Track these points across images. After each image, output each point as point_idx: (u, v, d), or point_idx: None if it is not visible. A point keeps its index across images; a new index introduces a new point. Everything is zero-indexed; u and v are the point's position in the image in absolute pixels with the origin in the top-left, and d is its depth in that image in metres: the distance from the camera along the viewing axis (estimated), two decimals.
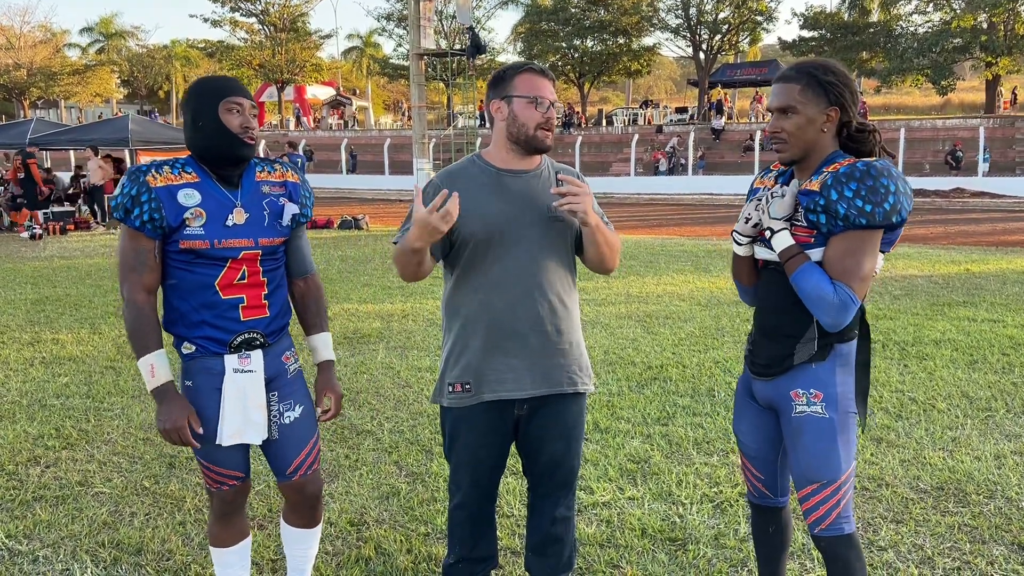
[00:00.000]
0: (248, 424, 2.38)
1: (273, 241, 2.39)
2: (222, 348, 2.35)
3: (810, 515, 2.24)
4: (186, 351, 2.37)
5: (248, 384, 2.37)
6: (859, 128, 2.18)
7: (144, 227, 2.24)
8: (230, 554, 2.58)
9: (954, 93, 39.74)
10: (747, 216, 2.25)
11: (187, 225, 2.26)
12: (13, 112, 52.53)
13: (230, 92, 2.30)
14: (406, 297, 8.81)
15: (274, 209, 2.40)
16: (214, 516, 2.54)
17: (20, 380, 5.80)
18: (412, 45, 26.64)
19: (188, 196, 2.28)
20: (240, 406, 2.37)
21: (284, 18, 47.03)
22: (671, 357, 6.16)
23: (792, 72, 2.16)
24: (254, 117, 2.34)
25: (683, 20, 43.58)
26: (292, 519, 2.67)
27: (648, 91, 68.48)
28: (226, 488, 2.46)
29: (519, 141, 2.41)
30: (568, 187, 2.29)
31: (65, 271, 11.17)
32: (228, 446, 2.39)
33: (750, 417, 2.43)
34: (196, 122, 2.29)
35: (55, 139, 18.55)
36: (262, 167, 2.44)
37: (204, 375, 2.36)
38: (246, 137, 2.30)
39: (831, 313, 2.08)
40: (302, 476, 2.54)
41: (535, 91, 2.37)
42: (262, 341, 2.40)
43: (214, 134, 2.28)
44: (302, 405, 2.53)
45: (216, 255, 2.30)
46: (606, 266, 2.51)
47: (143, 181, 2.25)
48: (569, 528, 2.67)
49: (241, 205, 2.34)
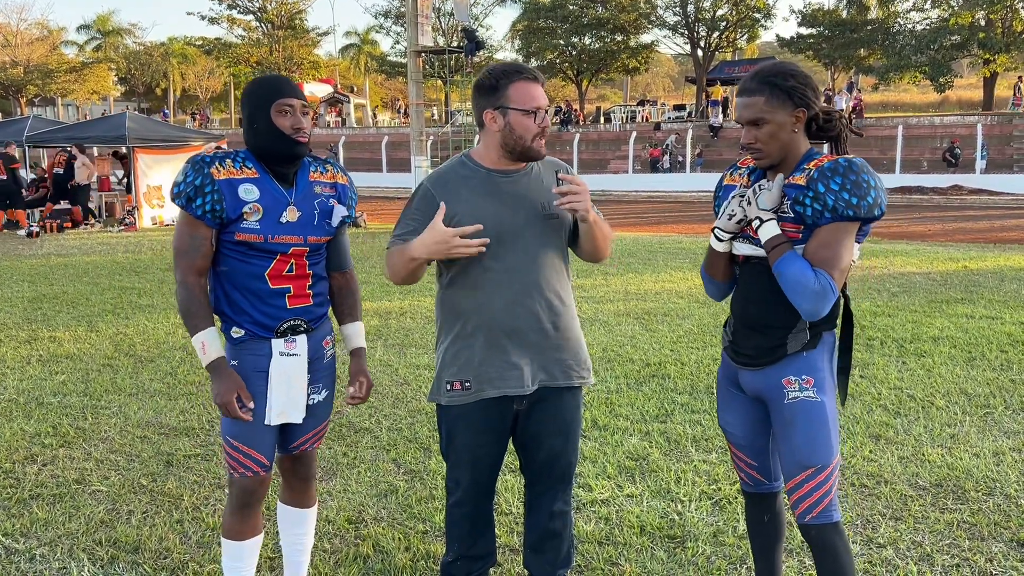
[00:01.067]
0: (291, 404, 2.50)
1: (321, 239, 2.52)
2: (269, 333, 2.46)
3: (801, 504, 2.26)
4: (235, 335, 2.47)
5: (293, 367, 2.49)
6: (826, 118, 2.27)
7: (205, 216, 2.36)
8: (241, 547, 2.59)
9: (952, 90, 39.75)
10: (731, 212, 2.28)
11: (245, 219, 2.38)
12: (10, 110, 52.42)
13: (281, 94, 2.39)
14: (404, 295, 8.80)
15: (324, 209, 2.52)
16: (230, 507, 2.57)
17: (17, 378, 5.78)
18: (410, 42, 26.57)
19: (248, 191, 2.39)
20: (285, 387, 2.48)
21: (282, 15, 46.99)
22: (669, 354, 6.16)
23: (754, 84, 2.21)
24: (305, 116, 2.43)
25: (681, 17, 43.58)
26: (287, 497, 2.76)
27: (646, 88, 68.49)
28: (249, 475, 2.49)
29: (514, 151, 2.42)
30: (569, 186, 2.31)
31: (62, 269, 11.14)
32: (264, 429, 2.47)
33: (736, 407, 2.46)
34: (252, 123, 2.41)
35: (52, 136, 18.50)
36: (315, 167, 2.56)
37: (251, 357, 2.47)
38: (298, 137, 2.40)
39: (811, 299, 2.13)
40: (302, 450, 2.66)
41: (531, 101, 2.37)
42: (306, 327, 2.52)
43: (268, 135, 2.39)
44: (328, 390, 2.65)
45: (268, 248, 2.41)
46: (600, 256, 2.58)
47: (207, 173, 2.35)
48: (567, 523, 2.68)
49: (294, 203, 2.45)
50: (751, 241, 2.29)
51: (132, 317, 7.78)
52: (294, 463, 2.69)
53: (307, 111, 2.44)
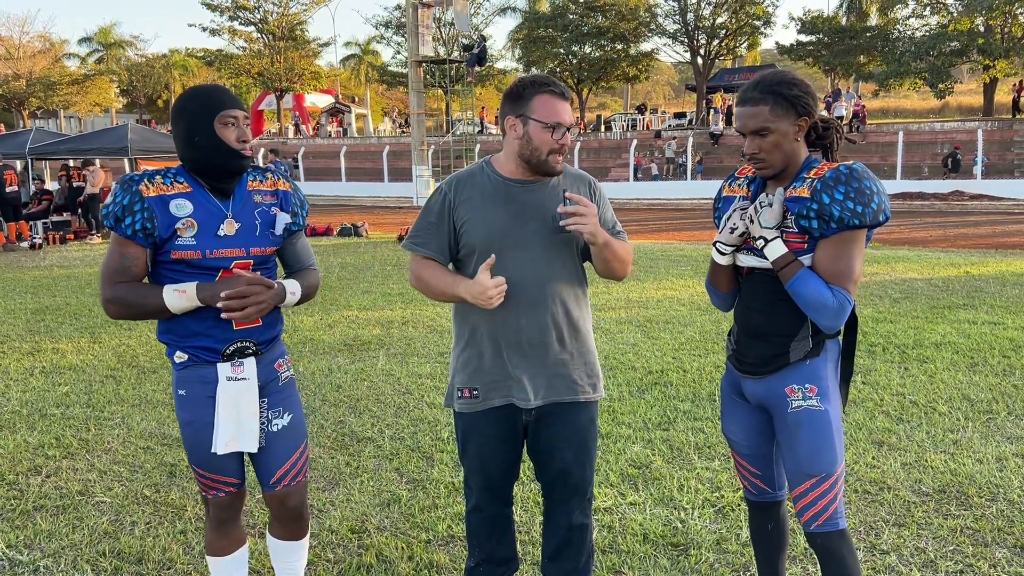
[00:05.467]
0: (242, 432, 2.38)
1: (265, 251, 2.40)
2: (215, 357, 2.35)
3: (806, 512, 2.26)
4: (179, 360, 2.37)
5: (242, 392, 2.37)
6: (824, 126, 2.30)
7: (136, 236, 2.25)
8: (227, 563, 2.57)
9: (952, 96, 39.79)
10: (732, 226, 2.28)
11: (179, 235, 2.26)
12: (13, 122, 52.60)
13: (224, 105, 2.29)
14: (406, 304, 8.81)
15: (266, 219, 2.40)
16: (210, 524, 2.54)
17: (20, 390, 5.79)
18: (410, 52, 26.69)
19: (180, 207, 2.27)
20: (234, 414, 2.37)
21: (283, 26, 47.09)
22: (671, 362, 6.16)
23: (757, 94, 2.20)
24: (248, 127, 2.34)
25: (681, 25, 43.66)
26: (276, 530, 2.66)
27: (647, 96, 68.55)
28: (222, 495, 2.46)
29: (530, 162, 2.41)
30: (574, 207, 2.29)
31: (65, 280, 11.16)
32: (219, 456, 2.39)
33: (739, 416, 2.46)
34: (191, 137, 2.28)
35: (54, 149, 18.55)
36: (254, 176, 2.44)
37: (197, 384, 2.37)
38: (244, 150, 2.31)
39: (830, 316, 2.14)
40: (285, 487, 2.52)
41: (553, 116, 2.36)
42: (255, 349, 2.40)
43: (211, 149, 2.27)
44: (291, 414, 2.53)
45: (208, 265, 2.30)
46: (616, 276, 2.53)
47: (136, 191, 2.25)
48: (586, 535, 2.65)
49: (232, 215, 2.34)
50: (754, 253, 2.29)
51: (134, 328, 7.79)
52: (280, 501, 2.54)
53: (249, 123, 2.35)
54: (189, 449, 2.40)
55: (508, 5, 49.81)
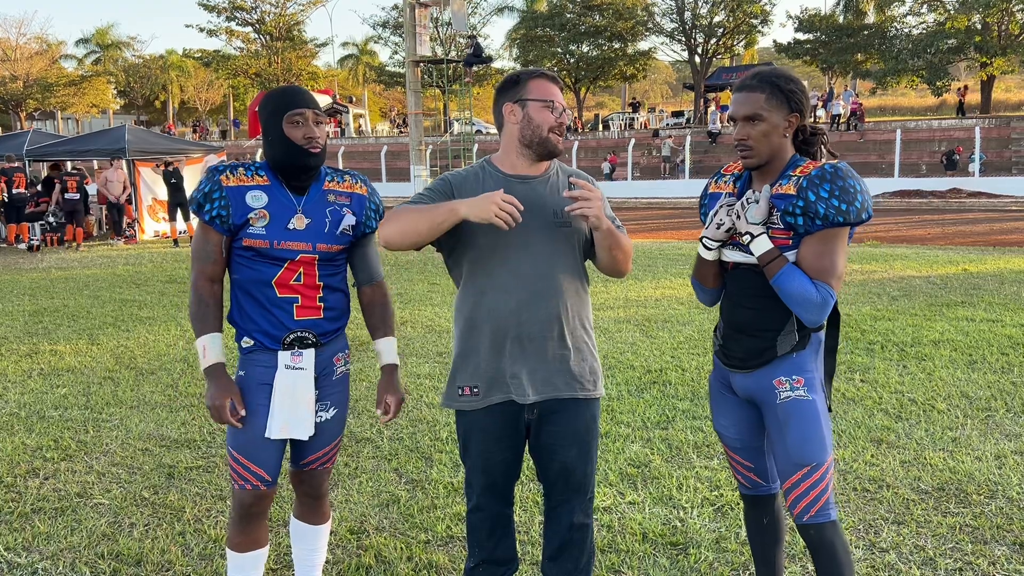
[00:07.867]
0: (296, 420, 2.48)
1: (331, 248, 2.50)
2: (276, 344, 2.46)
3: (798, 504, 2.28)
4: (245, 345, 2.49)
5: (298, 381, 2.47)
6: (812, 132, 2.35)
7: (213, 222, 2.41)
8: (243, 559, 2.60)
9: (949, 94, 39.84)
10: (719, 222, 2.31)
11: (250, 224, 2.41)
12: (10, 124, 52.56)
13: (292, 105, 2.40)
14: (404, 304, 8.81)
15: (336, 218, 2.52)
16: (232, 519, 2.57)
17: (18, 392, 5.79)
18: (408, 52, 26.71)
19: (255, 198, 2.42)
20: (289, 401, 2.46)
21: (280, 27, 47.11)
22: (670, 361, 6.16)
23: (755, 82, 2.26)
24: (317, 125, 2.43)
25: (678, 24, 43.71)
26: (299, 512, 2.75)
27: (644, 95, 68.60)
28: (249, 488, 2.48)
29: (531, 144, 2.43)
30: (579, 191, 2.30)
31: (63, 282, 11.16)
32: (265, 443, 2.46)
33: (729, 410, 2.49)
34: (266, 136, 2.43)
35: (52, 150, 18.53)
36: (332, 177, 2.56)
37: (257, 368, 2.48)
38: (310, 147, 2.41)
39: (814, 311, 2.20)
40: (311, 470, 2.65)
41: (549, 96, 2.43)
42: (314, 340, 2.50)
43: (280, 147, 2.41)
44: (336, 409, 2.63)
45: (274, 255, 2.43)
46: (618, 270, 2.53)
47: (216, 180, 2.41)
48: (587, 535, 2.64)
49: (303, 211, 2.46)
50: (740, 248, 2.32)
51: (133, 330, 7.78)
52: (304, 479, 2.67)
53: (320, 121, 2.44)
54: (232, 431, 2.46)
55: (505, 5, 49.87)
